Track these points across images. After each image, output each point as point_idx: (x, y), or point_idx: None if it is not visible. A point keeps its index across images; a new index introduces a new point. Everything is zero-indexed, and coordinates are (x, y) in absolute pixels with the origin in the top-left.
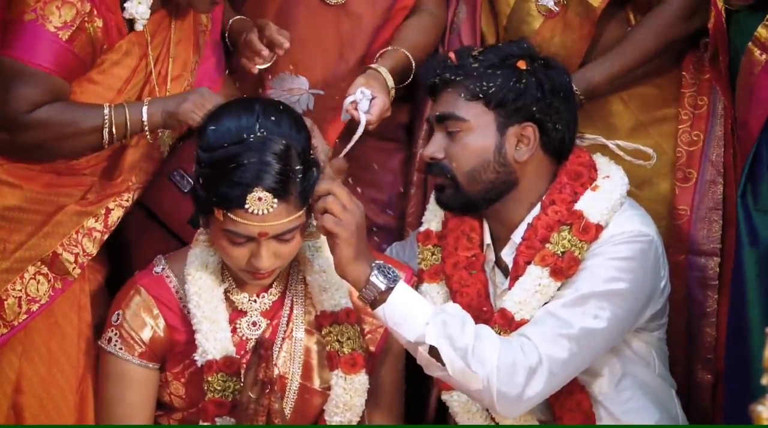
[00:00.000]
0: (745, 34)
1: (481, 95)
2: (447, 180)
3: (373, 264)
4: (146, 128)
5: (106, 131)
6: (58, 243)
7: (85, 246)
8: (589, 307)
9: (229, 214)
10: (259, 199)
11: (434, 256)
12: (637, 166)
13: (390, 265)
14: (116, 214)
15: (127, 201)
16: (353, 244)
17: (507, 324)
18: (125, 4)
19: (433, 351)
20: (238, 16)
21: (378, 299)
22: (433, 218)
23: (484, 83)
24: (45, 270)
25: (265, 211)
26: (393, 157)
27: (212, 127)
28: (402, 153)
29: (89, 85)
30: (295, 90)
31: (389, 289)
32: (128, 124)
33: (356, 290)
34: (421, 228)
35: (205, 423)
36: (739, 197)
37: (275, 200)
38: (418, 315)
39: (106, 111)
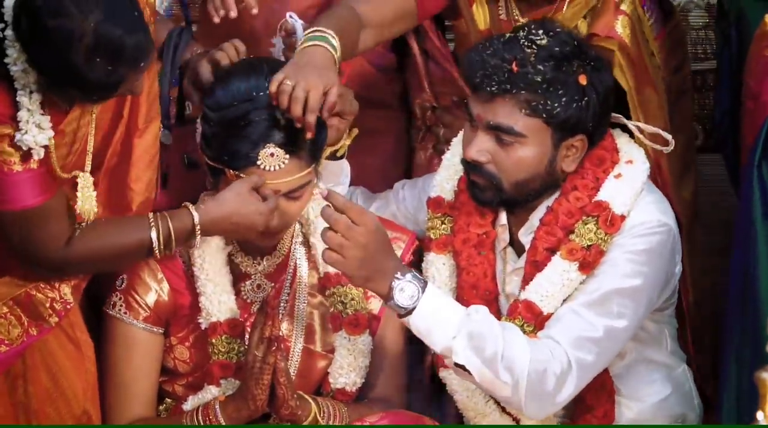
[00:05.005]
0: (759, 6)
1: (544, 114)
2: (491, 184)
3: (393, 284)
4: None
5: (156, 251)
6: (30, 285)
7: (63, 292)
8: (612, 306)
9: (241, 174)
10: (272, 154)
11: (444, 226)
12: None
13: (412, 275)
14: None
15: None
16: (364, 270)
17: (534, 318)
18: (16, 135)
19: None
20: None
21: (403, 313)
22: (446, 185)
23: (548, 102)
24: (18, 311)
25: (278, 167)
26: (388, 123)
27: (221, 87)
28: (399, 122)
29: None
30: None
31: (413, 307)
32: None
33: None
34: (433, 194)
35: (211, 386)
36: (755, 167)
37: (287, 156)
38: (444, 328)
39: (153, 233)
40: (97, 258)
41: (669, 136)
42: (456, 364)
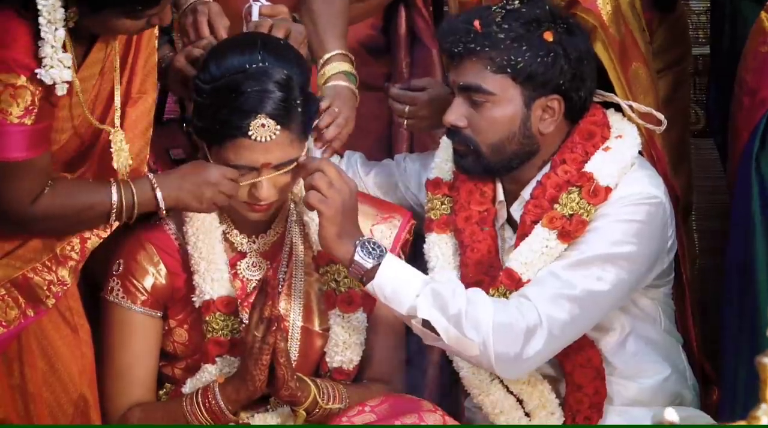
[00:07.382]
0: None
1: (509, 70)
2: (469, 150)
3: (356, 243)
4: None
5: (114, 215)
6: (28, 267)
7: (60, 275)
8: (592, 269)
9: (232, 144)
10: (262, 125)
11: (444, 206)
12: None
13: (374, 240)
14: (92, 243)
15: (105, 230)
16: (337, 222)
17: (513, 284)
18: (37, 71)
19: (427, 323)
20: None
21: (365, 276)
22: (444, 166)
23: (512, 57)
24: (15, 293)
25: (269, 138)
26: (377, 105)
27: (214, 59)
28: (386, 102)
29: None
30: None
31: (375, 267)
32: (136, 204)
33: (344, 267)
34: (431, 176)
35: (207, 364)
36: (752, 161)
37: (278, 127)
38: (408, 288)
39: (114, 195)
40: (60, 216)
41: (661, 116)
42: (423, 326)
